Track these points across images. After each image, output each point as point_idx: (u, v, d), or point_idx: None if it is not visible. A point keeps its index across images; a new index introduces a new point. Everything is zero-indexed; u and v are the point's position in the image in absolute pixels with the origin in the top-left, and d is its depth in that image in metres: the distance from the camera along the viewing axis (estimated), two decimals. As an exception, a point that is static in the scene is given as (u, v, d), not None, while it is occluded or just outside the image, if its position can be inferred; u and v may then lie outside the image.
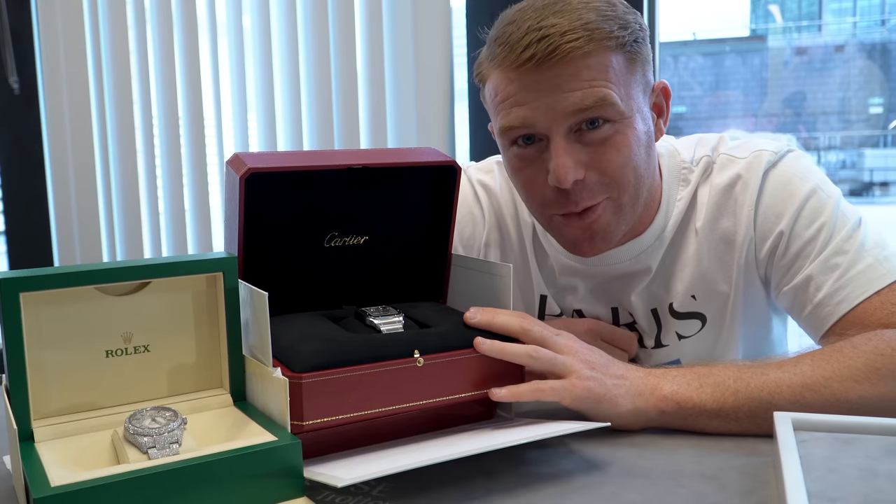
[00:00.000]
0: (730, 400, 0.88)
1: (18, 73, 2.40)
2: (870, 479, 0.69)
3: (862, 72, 4.19)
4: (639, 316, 1.16)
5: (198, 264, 0.80)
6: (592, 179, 1.01)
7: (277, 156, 0.86)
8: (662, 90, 1.08)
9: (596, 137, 0.99)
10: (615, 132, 1.00)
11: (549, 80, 0.97)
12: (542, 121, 0.99)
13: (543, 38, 0.96)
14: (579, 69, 0.97)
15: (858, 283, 1.01)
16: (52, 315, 0.76)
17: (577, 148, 1.00)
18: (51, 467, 0.69)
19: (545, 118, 0.98)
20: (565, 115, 0.98)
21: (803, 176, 1.08)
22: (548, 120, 0.98)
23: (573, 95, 0.97)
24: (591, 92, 0.97)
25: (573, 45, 0.95)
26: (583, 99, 0.97)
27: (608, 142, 1.00)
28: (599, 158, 1.00)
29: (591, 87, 0.97)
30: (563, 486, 0.78)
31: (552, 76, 0.97)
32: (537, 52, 0.96)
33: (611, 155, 1.00)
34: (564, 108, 0.97)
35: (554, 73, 0.97)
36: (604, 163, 1.00)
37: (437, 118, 2.16)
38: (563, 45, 0.95)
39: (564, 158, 0.98)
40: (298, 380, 0.76)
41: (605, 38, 0.97)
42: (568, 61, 0.96)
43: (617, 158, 1.00)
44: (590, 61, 0.97)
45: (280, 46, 2.26)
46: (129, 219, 2.44)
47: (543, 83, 0.97)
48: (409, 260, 0.97)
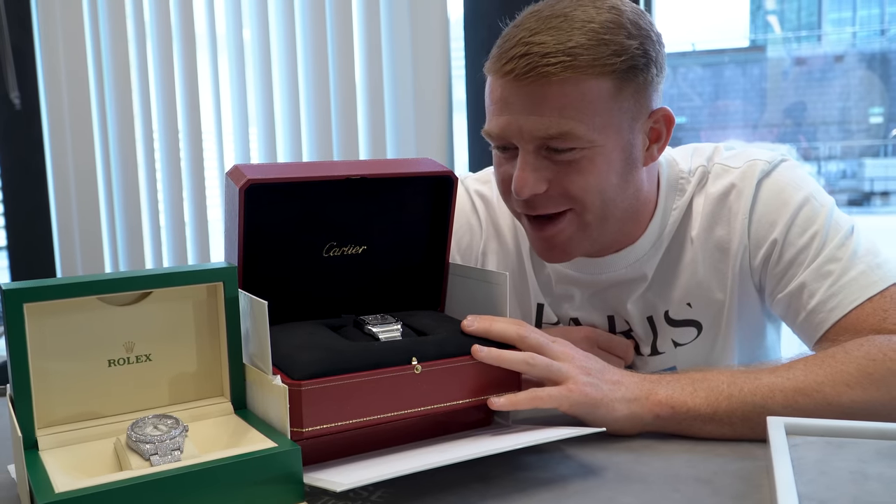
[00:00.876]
0: (723, 404, 0.89)
1: (20, 89, 2.42)
2: (860, 482, 0.70)
3: (862, 81, 4.20)
4: (635, 324, 1.17)
5: (198, 274, 0.81)
6: (554, 193, 1.03)
7: (276, 167, 0.87)
8: (664, 117, 1.06)
9: (563, 159, 1.01)
10: (582, 157, 1.01)
11: (524, 97, 0.99)
12: (514, 135, 1.02)
13: (524, 56, 0.97)
14: (551, 95, 0.98)
15: (851, 289, 1.02)
16: (55, 325, 0.77)
17: (543, 164, 1.02)
18: (55, 475, 0.70)
19: (516, 134, 1.01)
20: (531, 137, 1.00)
21: (796, 185, 1.09)
22: (517, 136, 1.01)
23: (541, 121, 0.99)
24: (556, 122, 0.98)
25: (548, 70, 0.97)
26: (548, 127, 0.99)
27: (573, 165, 1.01)
28: (563, 179, 1.02)
29: (559, 116, 0.98)
30: (560, 491, 0.78)
31: (527, 93, 0.99)
32: (516, 69, 0.98)
33: (574, 178, 1.02)
34: (531, 131, 1.00)
35: (529, 91, 0.99)
36: (567, 183, 1.02)
37: (435, 130, 2.18)
38: (539, 66, 0.97)
39: (525, 173, 1.01)
40: (298, 387, 0.77)
41: (589, 65, 0.97)
42: (542, 84, 0.98)
43: (580, 182, 1.02)
44: (566, 88, 0.98)
45: (279, 59, 2.28)
46: (130, 230, 2.46)
47: (520, 98, 0.99)
48: (407, 269, 0.98)
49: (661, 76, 1.05)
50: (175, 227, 2.42)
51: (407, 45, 2.17)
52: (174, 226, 2.42)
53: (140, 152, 2.43)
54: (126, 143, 2.42)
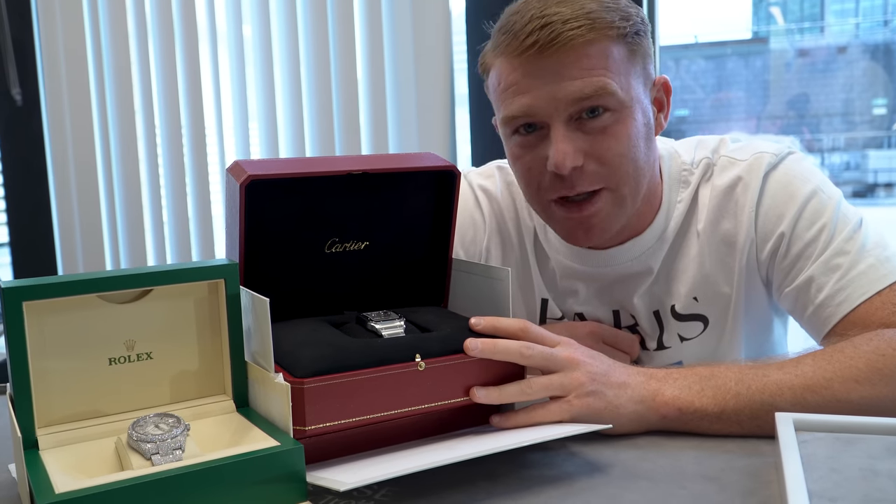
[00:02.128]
0: (731, 403, 0.88)
1: (20, 85, 2.41)
2: (870, 479, 0.69)
3: (865, 73, 4.19)
4: (641, 318, 1.16)
5: (199, 271, 0.81)
6: (591, 168, 1.02)
7: (277, 163, 0.86)
8: (663, 85, 1.09)
9: (596, 126, 1.01)
10: (615, 121, 1.01)
11: (551, 68, 0.99)
12: (543, 108, 1.00)
13: (546, 26, 0.97)
14: (580, 57, 0.98)
15: (859, 283, 1.01)
16: (55, 323, 0.76)
17: (577, 136, 1.01)
18: (55, 474, 0.69)
19: (546, 106, 1.00)
20: (566, 103, 0.99)
21: (804, 177, 1.08)
22: (549, 108, 1.00)
23: (574, 84, 0.99)
24: (591, 81, 0.99)
25: (575, 33, 0.97)
26: (583, 87, 0.98)
27: (608, 131, 1.01)
28: (598, 147, 1.01)
29: (591, 75, 0.99)
30: (566, 488, 0.78)
31: (554, 63, 0.99)
32: (540, 39, 0.98)
33: (610, 144, 1.01)
34: (565, 96, 0.99)
35: (555, 61, 0.98)
36: (603, 151, 1.01)
37: (437, 124, 2.17)
38: (564, 32, 0.97)
39: (564, 144, 1.00)
40: (300, 385, 0.76)
41: (607, 27, 0.99)
42: (569, 49, 0.98)
43: (616, 147, 1.01)
44: (591, 50, 0.98)
45: (281, 55, 2.27)
46: (131, 227, 2.45)
47: (545, 70, 0.99)
48: (409, 265, 0.97)
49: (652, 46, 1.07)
50: (177, 223, 2.42)
51: (409, 40, 2.16)
52: (176, 222, 2.42)
53: (141, 148, 2.42)
54: (127, 140, 2.41)
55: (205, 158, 2.37)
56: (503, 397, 0.84)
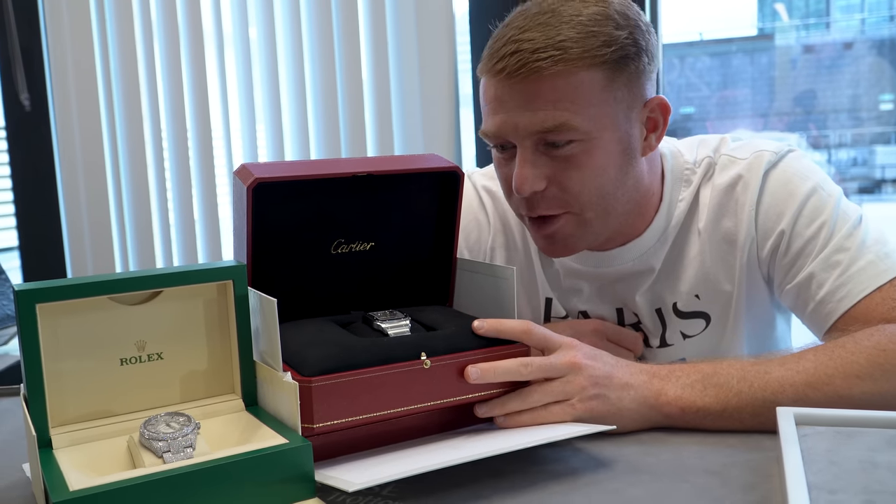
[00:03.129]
0: (733, 401, 0.89)
1: (29, 90, 2.43)
2: (870, 471, 0.70)
3: (871, 68, 4.18)
4: (643, 316, 1.17)
5: (208, 273, 0.82)
6: (552, 193, 1.03)
7: (283, 165, 0.88)
8: (660, 105, 1.06)
9: (560, 154, 1.02)
10: (581, 151, 1.01)
11: (518, 94, 1.00)
12: (510, 133, 1.02)
13: (515, 53, 0.98)
14: (544, 89, 0.99)
15: (860, 279, 1.02)
16: (67, 325, 0.78)
17: (542, 161, 1.02)
18: (69, 472, 0.71)
19: (512, 131, 1.02)
20: (528, 132, 1.01)
21: (803, 175, 1.09)
22: (514, 133, 1.02)
23: (536, 115, 0.99)
24: (552, 115, 0.99)
25: (540, 65, 0.97)
26: (544, 120, 0.99)
27: (572, 160, 1.02)
28: (562, 175, 1.02)
29: (554, 108, 0.99)
30: (570, 483, 0.79)
31: (520, 90, 1.00)
32: (508, 66, 0.99)
33: (572, 173, 1.02)
34: (527, 126, 1.00)
35: (521, 88, 0.99)
36: (565, 180, 1.02)
37: (442, 125, 2.18)
38: (531, 62, 0.97)
39: (525, 169, 1.02)
40: (308, 383, 0.77)
41: (579, 57, 0.98)
42: (535, 79, 0.98)
43: (578, 177, 1.02)
44: (558, 82, 0.98)
45: (286, 58, 2.28)
46: (140, 230, 2.47)
47: (513, 96, 1.00)
48: (414, 265, 0.99)
49: (653, 65, 1.05)
50: (185, 226, 2.43)
51: (413, 42, 2.17)
52: (184, 225, 2.43)
53: (149, 152, 2.44)
54: (135, 143, 2.43)
55: (211, 161, 2.39)
56: (505, 410, 0.86)
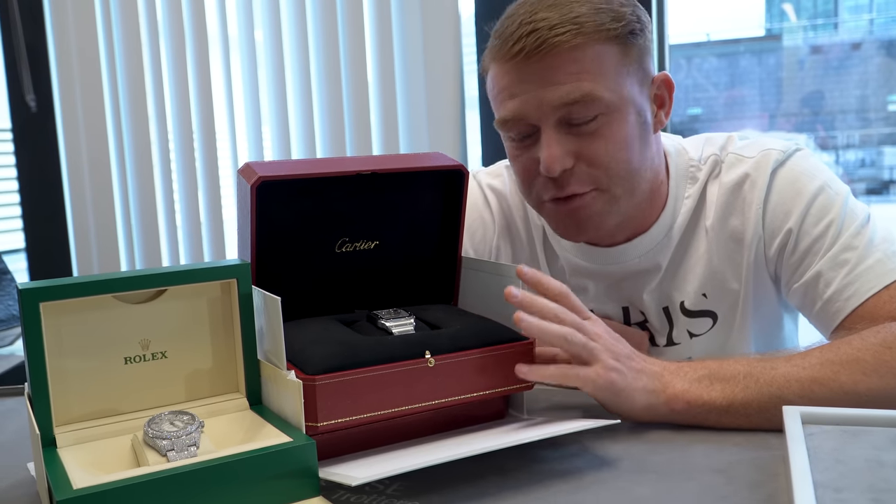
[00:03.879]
0: (739, 396, 0.89)
1: (35, 91, 2.44)
2: (876, 470, 0.70)
3: (880, 69, 4.17)
4: (650, 314, 1.17)
5: (212, 271, 0.82)
6: (581, 169, 1.03)
7: (288, 164, 0.87)
8: (664, 81, 1.09)
9: (586, 129, 1.02)
10: (605, 124, 1.02)
11: (538, 73, 1.00)
12: (532, 113, 1.02)
13: (532, 32, 0.99)
14: (566, 62, 0.99)
15: (867, 278, 1.02)
16: (71, 324, 0.78)
17: (567, 138, 1.02)
18: (73, 471, 0.70)
19: (535, 110, 1.02)
20: (553, 107, 1.01)
21: (811, 174, 1.09)
22: (538, 112, 1.02)
23: (560, 89, 1.00)
24: (577, 86, 0.99)
25: (560, 39, 0.98)
26: (569, 93, 1.00)
27: (597, 133, 1.02)
28: (588, 149, 1.02)
29: (578, 80, 1.00)
30: (575, 482, 0.79)
31: (541, 69, 1.00)
32: (526, 46, 0.99)
33: (599, 146, 1.02)
34: (551, 101, 1.00)
35: (542, 66, 1.00)
36: (592, 154, 1.02)
37: (448, 126, 2.18)
38: (550, 38, 0.98)
39: (553, 149, 1.01)
40: (312, 382, 0.77)
41: (595, 30, 0.99)
42: (555, 54, 0.99)
43: (605, 149, 1.02)
44: (577, 54, 0.99)
45: (292, 58, 2.28)
46: (145, 229, 2.47)
47: (533, 75, 1.00)
48: (419, 263, 0.98)
49: (652, 43, 1.08)
50: (190, 225, 2.44)
51: (418, 42, 2.17)
52: (189, 224, 2.44)
53: (154, 152, 2.44)
54: (140, 143, 2.43)
55: (216, 161, 2.39)
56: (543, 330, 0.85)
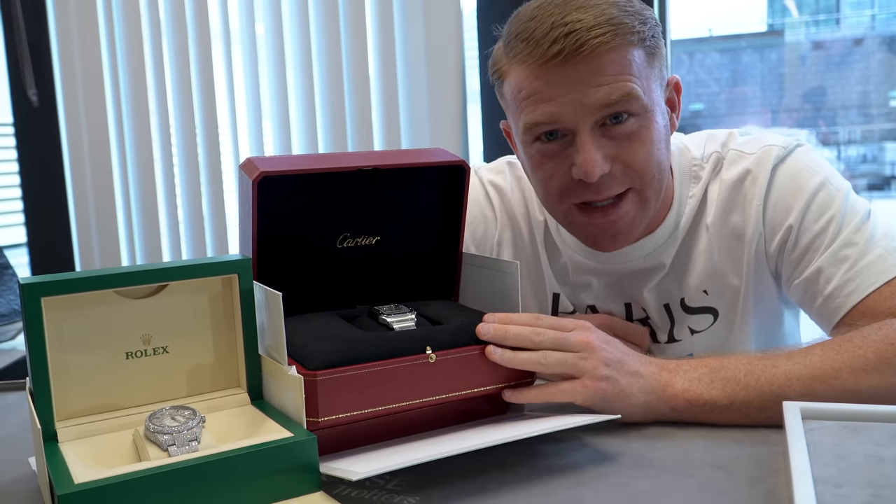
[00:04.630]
0: (740, 395, 0.89)
1: (37, 86, 2.44)
2: (876, 465, 0.70)
3: (882, 65, 4.16)
4: (651, 311, 1.17)
5: (213, 267, 0.82)
6: (618, 172, 1.02)
7: (289, 159, 0.88)
8: (675, 85, 1.09)
9: (621, 132, 1.01)
10: (639, 126, 1.01)
11: (576, 76, 0.98)
12: (569, 116, 1.00)
13: (571, 34, 0.96)
14: (605, 64, 0.98)
15: (868, 274, 1.02)
16: (73, 318, 0.78)
17: (603, 142, 1.01)
18: (74, 466, 0.71)
19: (572, 113, 0.99)
20: (592, 109, 0.99)
21: (812, 170, 1.08)
22: (575, 115, 0.99)
23: (600, 90, 0.98)
24: (617, 87, 0.98)
25: (600, 41, 0.97)
26: (609, 94, 0.98)
27: (633, 136, 1.01)
28: (625, 152, 1.01)
29: (616, 81, 0.98)
30: (576, 477, 0.79)
31: (579, 71, 0.98)
32: (565, 48, 0.97)
33: (636, 148, 1.01)
34: (591, 103, 0.98)
35: (581, 69, 0.98)
36: (629, 156, 1.01)
37: (449, 120, 2.18)
38: (590, 39, 0.96)
39: (592, 153, 0.99)
40: (313, 377, 0.77)
41: (628, 32, 0.98)
42: (594, 56, 0.97)
43: (641, 152, 1.02)
44: (615, 56, 0.98)
45: (293, 53, 2.28)
46: (147, 224, 2.48)
47: (570, 78, 0.98)
48: (420, 259, 0.98)
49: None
50: (192, 219, 2.44)
51: (420, 37, 2.17)
52: (191, 219, 2.44)
53: (156, 147, 2.44)
54: (142, 139, 2.43)
55: (218, 156, 2.39)
56: (516, 361, 0.85)
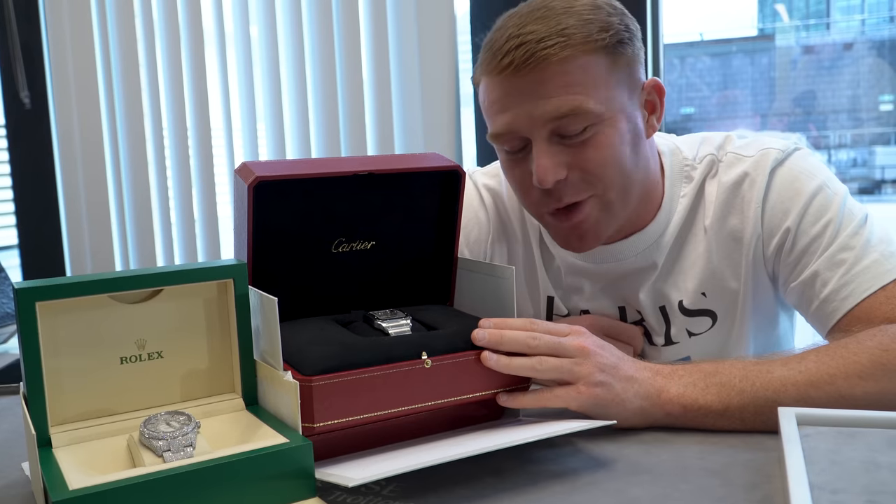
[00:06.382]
0: (735, 400, 0.89)
1: (29, 88, 2.43)
2: (872, 471, 0.70)
3: (871, 69, 4.18)
4: (647, 313, 1.17)
5: (209, 271, 0.82)
6: (575, 178, 1.04)
7: (284, 164, 0.87)
8: (655, 87, 1.09)
9: (577, 140, 1.02)
10: (595, 133, 1.02)
11: (528, 86, 1.00)
12: (523, 125, 1.02)
13: (521, 45, 0.99)
14: (555, 75, 1.00)
15: (864, 278, 1.02)
16: (67, 323, 0.78)
17: (558, 149, 1.02)
18: (69, 471, 0.70)
19: (526, 124, 1.02)
20: (543, 121, 1.01)
21: (810, 173, 1.09)
22: (528, 125, 1.02)
23: (549, 102, 1.00)
24: (567, 99, 1.00)
25: (548, 52, 0.98)
26: (559, 106, 1.00)
27: (589, 142, 1.02)
28: (581, 158, 1.03)
29: (567, 93, 1.00)
30: (570, 483, 0.79)
31: (530, 82, 1.00)
32: (515, 59, 0.99)
33: (591, 154, 1.02)
34: (542, 115, 1.00)
35: (532, 79, 1.00)
36: (585, 162, 1.03)
37: (443, 124, 2.18)
38: (538, 51, 0.99)
39: (545, 161, 1.01)
40: (309, 383, 0.77)
41: (583, 42, 1.00)
42: (544, 67, 0.99)
43: (598, 157, 1.02)
44: (566, 67, 0.99)
45: (287, 56, 2.28)
46: (139, 228, 2.47)
47: (523, 89, 1.01)
48: (415, 264, 0.98)
49: (642, 51, 1.08)
50: (185, 223, 2.43)
51: (414, 41, 2.17)
52: (184, 222, 2.43)
53: (149, 151, 2.43)
54: (135, 141, 2.42)
55: (211, 160, 2.38)
56: (511, 367, 0.85)
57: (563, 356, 0.87)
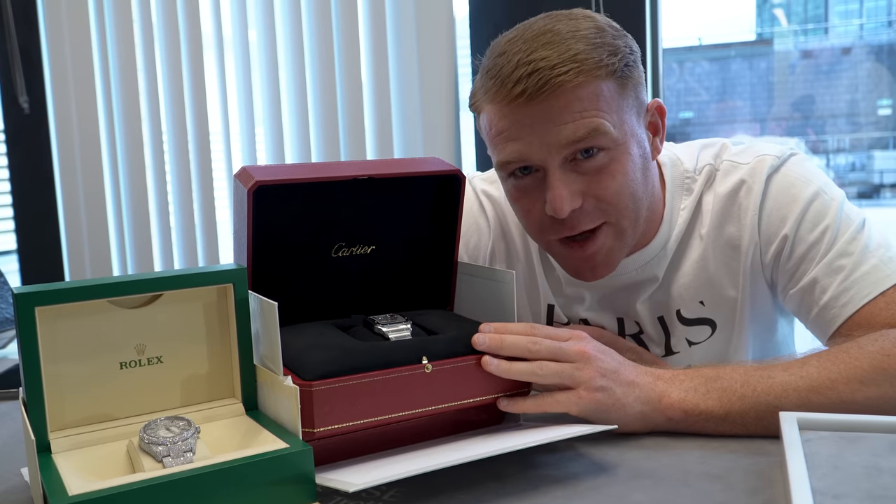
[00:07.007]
0: (736, 405, 0.88)
1: (28, 93, 2.43)
2: (874, 476, 0.70)
3: (870, 74, 4.18)
4: (645, 325, 1.17)
5: (208, 276, 0.82)
6: (590, 206, 1.02)
7: (284, 168, 0.87)
8: (657, 109, 1.08)
9: (591, 166, 1.00)
10: (610, 160, 1.01)
11: (542, 114, 0.98)
12: (536, 154, 1.00)
13: (534, 73, 0.96)
14: (570, 101, 0.97)
15: (863, 284, 1.02)
16: (66, 328, 0.77)
17: (572, 178, 1.01)
18: (68, 477, 0.70)
19: (540, 151, 0.99)
20: (559, 147, 0.99)
21: (806, 179, 1.09)
22: (542, 153, 0.99)
23: (566, 128, 0.98)
24: (583, 123, 0.98)
25: (563, 79, 0.96)
26: (575, 131, 0.98)
27: (604, 170, 1.01)
28: (596, 186, 1.01)
29: (582, 118, 0.98)
30: (572, 488, 0.78)
31: (544, 109, 0.98)
32: (528, 87, 0.96)
33: (607, 182, 1.01)
34: (558, 141, 0.98)
35: (546, 107, 0.97)
36: (600, 190, 1.01)
37: (442, 129, 2.18)
38: (553, 78, 0.96)
39: (560, 190, 0.99)
40: (309, 387, 0.77)
41: (595, 67, 0.97)
42: (559, 94, 0.97)
43: (613, 185, 1.01)
44: (581, 92, 0.97)
45: (286, 60, 2.28)
46: (138, 233, 2.47)
47: (536, 117, 0.98)
48: (415, 268, 0.98)
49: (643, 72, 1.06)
50: (183, 228, 2.43)
51: (413, 45, 2.17)
52: (183, 227, 2.43)
53: (148, 155, 2.43)
54: (134, 146, 2.42)
55: (210, 164, 2.38)
56: (512, 371, 0.85)
57: (563, 361, 0.86)
